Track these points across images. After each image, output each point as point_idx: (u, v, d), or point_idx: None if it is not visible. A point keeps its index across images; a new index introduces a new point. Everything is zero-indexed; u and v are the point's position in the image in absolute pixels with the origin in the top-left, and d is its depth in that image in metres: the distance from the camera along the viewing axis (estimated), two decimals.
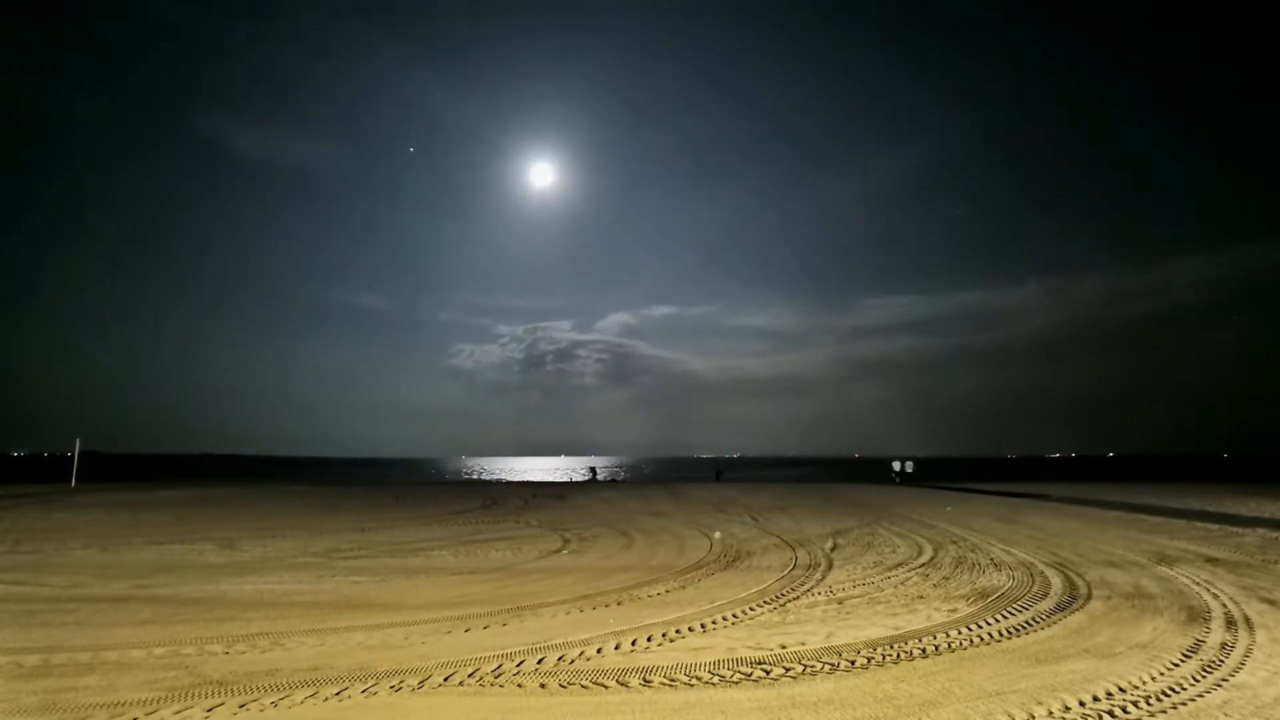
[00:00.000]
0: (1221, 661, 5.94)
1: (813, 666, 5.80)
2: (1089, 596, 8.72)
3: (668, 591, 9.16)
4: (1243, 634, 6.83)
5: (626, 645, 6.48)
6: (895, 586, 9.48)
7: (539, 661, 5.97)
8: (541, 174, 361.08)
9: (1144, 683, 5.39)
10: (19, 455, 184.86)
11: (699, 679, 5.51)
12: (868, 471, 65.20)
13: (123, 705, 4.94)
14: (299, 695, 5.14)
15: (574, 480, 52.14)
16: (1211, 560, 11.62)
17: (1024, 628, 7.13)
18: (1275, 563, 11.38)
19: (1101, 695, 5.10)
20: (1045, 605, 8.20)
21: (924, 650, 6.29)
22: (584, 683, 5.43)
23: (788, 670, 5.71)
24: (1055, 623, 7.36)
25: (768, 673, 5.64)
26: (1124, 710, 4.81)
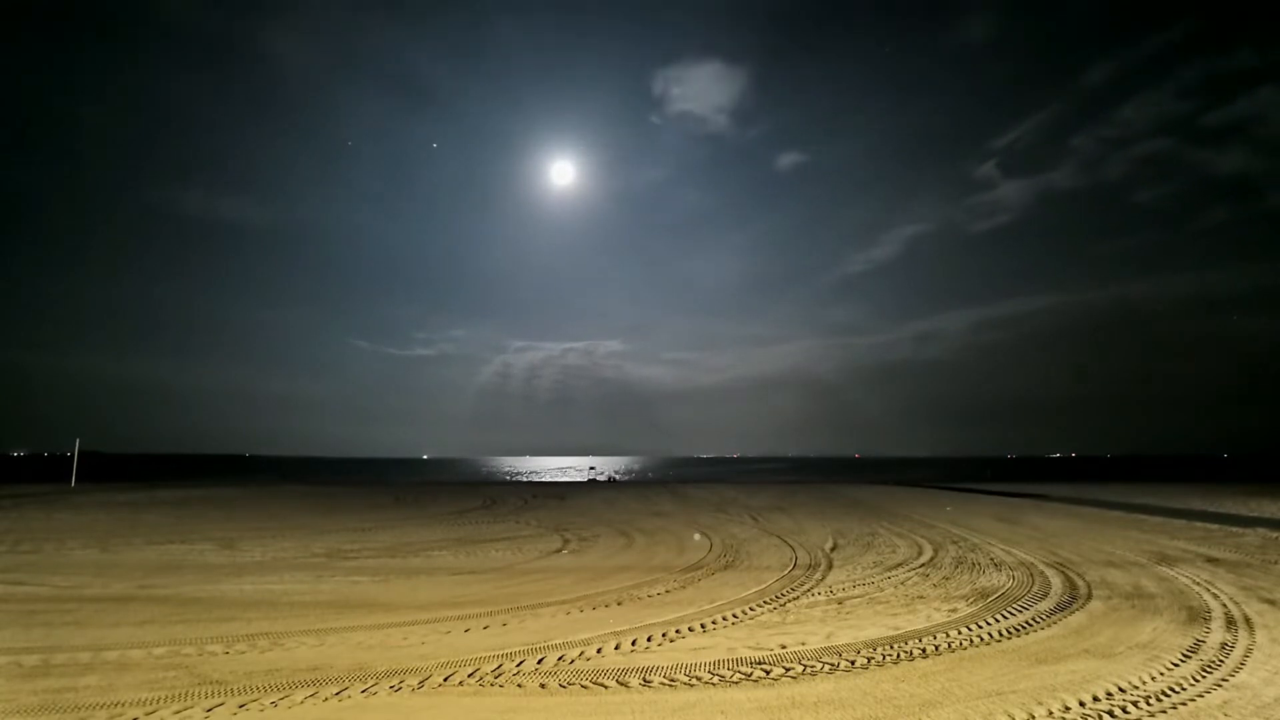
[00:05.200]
0: (1221, 662, 5.94)
1: (813, 666, 5.80)
2: (1089, 596, 8.72)
3: (668, 591, 9.16)
4: (1243, 634, 6.83)
5: (626, 645, 6.48)
6: (895, 586, 9.48)
7: (539, 661, 5.98)
8: (561, 172, 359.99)
9: (1144, 683, 5.39)
10: (19, 455, 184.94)
11: (699, 679, 5.51)
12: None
13: (122, 705, 4.94)
14: (299, 695, 5.15)
15: (575, 480, 52.15)
16: (1211, 560, 11.62)
17: (1024, 628, 7.13)
18: (1275, 563, 11.37)
19: (1101, 695, 5.10)
20: (1045, 605, 8.20)
21: (924, 650, 6.29)
22: (584, 683, 5.43)
23: (788, 670, 5.71)
24: (1055, 623, 7.36)
25: (768, 673, 5.64)
26: (1124, 710, 4.81)
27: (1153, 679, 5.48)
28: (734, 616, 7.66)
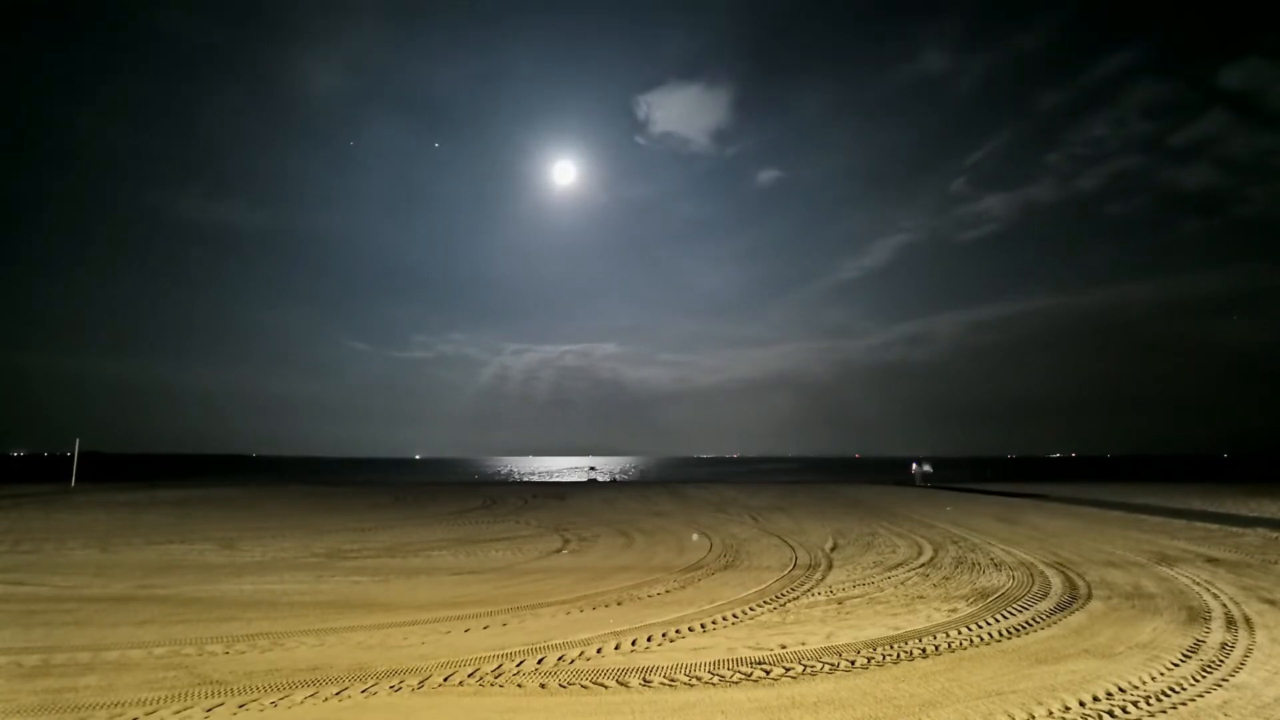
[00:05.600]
0: (1221, 662, 5.94)
1: (813, 666, 5.80)
2: (1089, 596, 8.72)
3: (668, 591, 9.15)
4: (1243, 634, 6.83)
5: (626, 645, 6.48)
6: (895, 586, 9.48)
7: (539, 661, 5.97)
8: (563, 172, 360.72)
9: (1144, 683, 5.38)
10: (19, 455, 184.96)
11: (699, 679, 5.51)
12: (876, 471, 65.17)
13: (122, 705, 4.94)
14: (299, 695, 5.14)
15: (575, 480, 52.13)
16: (1211, 560, 11.62)
17: (1024, 628, 7.13)
18: (1275, 563, 11.37)
19: (1101, 695, 5.09)
20: (1045, 605, 8.20)
21: (924, 650, 6.29)
22: (584, 683, 5.42)
23: (788, 670, 5.70)
24: (1055, 623, 7.36)
25: (768, 673, 5.64)
26: (1124, 710, 4.81)
27: (1153, 679, 5.48)
28: (734, 616, 7.66)
